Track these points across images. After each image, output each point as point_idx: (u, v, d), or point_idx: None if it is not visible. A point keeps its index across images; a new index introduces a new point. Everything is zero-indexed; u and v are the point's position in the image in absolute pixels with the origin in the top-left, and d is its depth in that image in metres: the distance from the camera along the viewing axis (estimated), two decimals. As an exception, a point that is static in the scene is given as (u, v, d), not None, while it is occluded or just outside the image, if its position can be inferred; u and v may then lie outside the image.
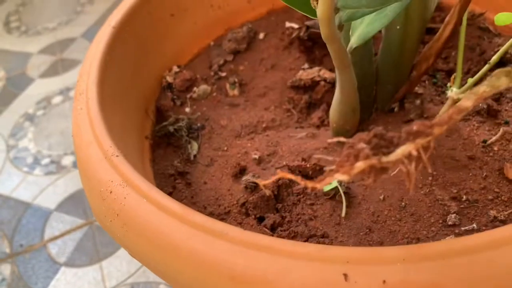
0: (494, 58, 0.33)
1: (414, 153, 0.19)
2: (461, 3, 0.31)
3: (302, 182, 0.20)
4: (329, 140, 0.36)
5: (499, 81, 0.21)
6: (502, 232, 0.20)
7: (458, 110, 0.19)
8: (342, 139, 0.20)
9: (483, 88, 0.20)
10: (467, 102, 0.20)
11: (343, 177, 0.19)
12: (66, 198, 0.62)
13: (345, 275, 0.20)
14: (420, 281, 0.20)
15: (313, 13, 0.23)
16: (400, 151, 0.19)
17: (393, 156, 0.19)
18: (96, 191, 0.27)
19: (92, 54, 0.33)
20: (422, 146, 0.19)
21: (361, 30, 0.29)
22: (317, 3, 0.21)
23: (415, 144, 0.19)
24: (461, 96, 0.34)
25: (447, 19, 0.33)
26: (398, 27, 0.34)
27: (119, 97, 0.34)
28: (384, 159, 0.19)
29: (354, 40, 0.29)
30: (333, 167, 0.19)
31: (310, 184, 0.19)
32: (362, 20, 0.28)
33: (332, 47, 0.26)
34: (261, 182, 0.20)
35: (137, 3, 0.37)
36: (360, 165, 0.18)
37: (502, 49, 0.32)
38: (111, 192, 0.26)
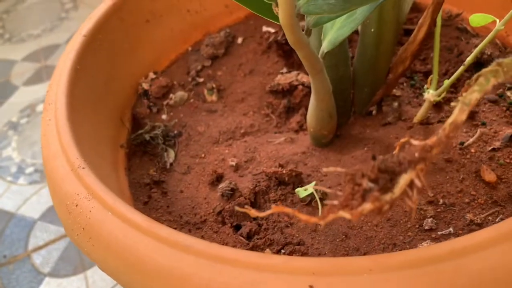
0: (469, 59, 0.33)
1: (417, 181, 0.19)
2: (434, 4, 0.30)
3: (303, 218, 0.20)
4: (325, 170, 0.35)
5: (489, 83, 0.20)
6: (468, 240, 0.20)
7: (455, 126, 0.19)
8: (339, 169, 0.21)
9: (475, 95, 0.20)
10: (462, 115, 0.19)
11: (349, 216, 0.19)
12: (50, 208, 0.61)
13: (311, 287, 0.20)
14: (387, 292, 0.19)
15: (278, 19, 0.22)
16: (403, 182, 0.19)
17: (398, 190, 0.19)
18: (63, 204, 0.26)
19: (62, 64, 0.33)
20: (421, 170, 0.19)
21: (331, 35, 0.28)
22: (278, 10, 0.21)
23: (416, 170, 0.19)
24: (437, 98, 0.34)
25: (420, 21, 0.32)
26: (372, 30, 0.33)
27: (91, 106, 0.34)
28: (391, 196, 0.19)
29: (325, 45, 0.29)
30: (336, 202, 0.19)
31: (313, 220, 0.19)
32: (332, 24, 0.28)
33: (300, 53, 0.26)
34: (253, 214, 0.20)
35: (109, 11, 0.37)
36: (368, 207, 0.18)
37: (476, 50, 0.32)
38: (77, 205, 0.25)
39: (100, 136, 0.34)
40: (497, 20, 0.30)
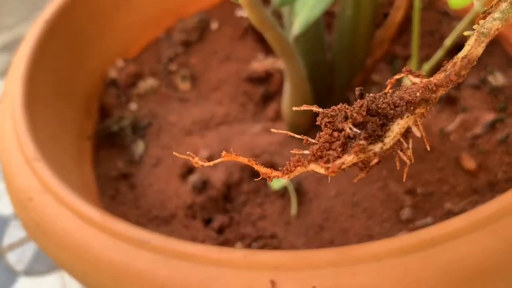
0: (448, 42, 0.31)
1: (415, 130, 0.15)
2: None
3: (263, 170, 0.16)
4: (292, 135, 0.33)
5: None
6: (434, 231, 0.18)
7: (468, 61, 0.16)
8: (314, 108, 0.16)
9: (496, 24, 0.16)
10: (478, 48, 0.16)
11: (323, 171, 0.14)
12: (27, 203, 0.59)
13: (273, 282, 0.18)
14: (352, 285, 0.18)
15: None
16: (397, 129, 0.15)
17: (390, 139, 0.15)
18: (18, 198, 0.25)
19: (20, 52, 0.31)
20: (422, 116, 0.15)
21: (302, 16, 0.27)
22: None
23: (416, 115, 0.15)
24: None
25: (397, 3, 0.31)
26: (348, 13, 0.32)
27: (53, 96, 0.32)
28: (381, 146, 0.15)
29: (296, 27, 0.27)
30: (308, 153, 0.15)
31: (274, 173, 0.16)
32: (303, 5, 0.26)
33: (267, 35, 0.24)
34: (205, 163, 0.17)
35: (73, -5, 0.35)
36: (351, 159, 0.14)
37: (454, 33, 0.30)
38: (31, 200, 0.24)
39: (63, 127, 0.32)
40: (475, 2, 0.29)
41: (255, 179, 0.32)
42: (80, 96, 0.35)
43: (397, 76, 0.17)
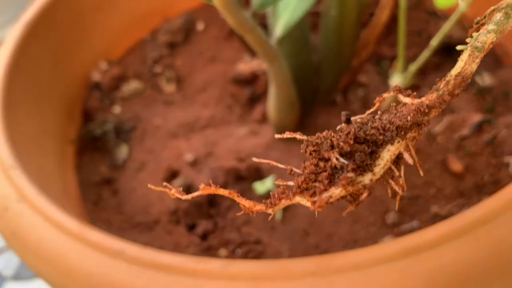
0: (434, 42, 0.31)
1: (407, 156, 0.14)
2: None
3: (246, 203, 0.15)
4: (277, 136, 0.33)
5: (509, 20, 0.15)
6: (414, 238, 0.18)
7: (462, 79, 0.15)
8: (298, 135, 0.15)
9: (490, 37, 0.15)
10: (472, 64, 0.15)
11: (309, 205, 0.14)
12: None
13: (251, 294, 0.18)
14: (332, 297, 0.18)
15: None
16: (387, 156, 0.14)
17: (380, 168, 0.14)
18: (-7, 207, 0.24)
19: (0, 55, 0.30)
20: (413, 140, 0.15)
21: (284, 18, 0.26)
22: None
23: (407, 140, 0.14)
24: (404, 83, 0.32)
25: (382, 3, 0.30)
26: (333, 14, 0.31)
27: (34, 101, 0.31)
28: (371, 177, 0.14)
29: (279, 29, 0.27)
30: (292, 184, 0.14)
31: (258, 207, 0.15)
32: (286, 7, 0.26)
33: (247, 38, 0.24)
34: (183, 197, 0.16)
35: (54, -3, 0.34)
36: (338, 193, 0.13)
37: (440, 33, 0.30)
38: (7, 208, 0.23)
39: (45, 132, 0.31)
40: (460, 2, 0.28)
41: (239, 183, 0.32)
42: (63, 100, 0.34)
43: (385, 95, 0.16)
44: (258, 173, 0.32)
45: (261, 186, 0.30)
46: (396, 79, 0.32)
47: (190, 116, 0.37)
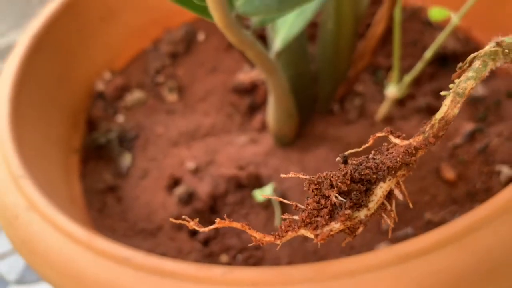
0: (428, 54, 0.32)
1: (398, 192, 0.16)
2: (389, 2, 0.29)
3: (257, 235, 0.17)
4: (283, 176, 0.31)
5: (487, 68, 0.17)
6: (406, 247, 0.19)
7: (445, 122, 0.16)
8: (301, 175, 0.16)
9: (470, 83, 0.17)
10: (454, 108, 0.16)
11: (313, 237, 0.16)
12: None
13: (251, 299, 0.19)
14: (328, 302, 0.19)
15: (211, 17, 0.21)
16: (380, 193, 0.16)
17: (374, 204, 0.16)
18: (4, 215, 0.25)
19: (7, 68, 0.31)
20: (401, 177, 0.16)
21: (283, 34, 0.27)
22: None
23: (397, 178, 0.16)
24: (399, 93, 0.33)
25: (377, 16, 0.31)
26: (330, 26, 0.32)
27: (41, 111, 0.32)
28: (366, 212, 0.16)
29: (278, 44, 0.28)
30: (297, 218, 0.16)
31: (267, 238, 0.17)
32: (284, 22, 0.27)
33: (247, 53, 0.25)
34: (201, 229, 0.17)
35: (59, 10, 0.35)
36: (338, 227, 0.15)
37: (434, 45, 0.31)
38: (17, 217, 0.24)
39: (51, 141, 0.32)
40: (452, 15, 0.29)
41: (240, 191, 0.33)
42: (68, 109, 0.35)
43: (379, 134, 0.17)
44: (258, 181, 0.33)
45: (261, 194, 0.31)
46: (392, 90, 0.33)
47: (191, 124, 0.38)
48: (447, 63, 0.38)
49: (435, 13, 0.33)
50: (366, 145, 0.18)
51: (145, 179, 0.34)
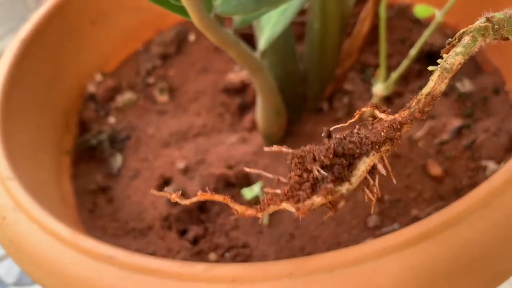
0: (413, 52, 0.32)
1: (381, 167, 0.16)
2: (373, 3, 0.30)
3: (239, 208, 0.17)
4: (266, 149, 0.33)
5: (476, 43, 0.17)
6: (385, 241, 0.19)
7: (432, 98, 0.16)
8: (284, 149, 0.17)
9: (459, 59, 0.16)
10: (441, 84, 0.16)
11: (294, 210, 0.16)
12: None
13: (232, 295, 0.19)
14: (307, 297, 0.19)
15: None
16: (363, 168, 0.16)
17: (356, 179, 0.16)
18: (-8, 217, 0.25)
19: (-3, 71, 0.32)
20: (387, 152, 0.16)
21: (267, 33, 0.27)
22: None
23: (381, 153, 0.16)
24: (385, 92, 0.34)
25: (362, 15, 0.32)
26: (316, 25, 0.33)
27: (31, 114, 0.33)
28: (348, 186, 0.16)
29: (262, 43, 0.28)
30: (279, 192, 0.16)
31: (249, 211, 0.17)
32: (268, 22, 0.27)
33: (230, 53, 0.25)
34: (182, 202, 0.18)
35: (50, 13, 0.36)
36: (319, 200, 0.15)
37: (419, 42, 0.31)
38: (4, 218, 0.24)
39: (42, 143, 0.33)
40: (436, 13, 0.30)
41: (229, 190, 0.33)
42: (59, 111, 0.36)
43: (364, 109, 0.17)
44: (247, 180, 0.33)
45: (249, 192, 0.31)
46: (379, 87, 0.33)
47: (182, 125, 0.38)
48: (434, 60, 0.38)
49: (420, 10, 0.33)
50: (352, 120, 0.18)
51: (136, 179, 0.35)
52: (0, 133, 0.28)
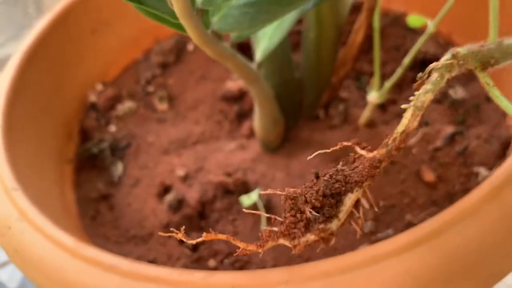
0: (406, 60, 0.33)
1: (364, 201, 0.18)
2: (366, 10, 0.30)
3: (241, 245, 0.19)
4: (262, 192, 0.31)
5: (443, 79, 0.18)
6: (378, 248, 0.20)
7: (406, 135, 0.18)
8: (278, 191, 0.18)
9: (428, 96, 0.18)
10: (414, 121, 0.18)
11: (291, 247, 0.18)
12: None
13: (230, 302, 0.20)
14: (302, 303, 0.19)
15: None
16: (349, 203, 0.18)
17: (343, 214, 0.18)
18: (-2, 226, 0.26)
19: (1, 82, 0.32)
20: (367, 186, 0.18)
21: (263, 45, 0.28)
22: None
23: (363, 188, 0.18)
24: (380, 100, 0.34)
25: (356, 25, 0.32)
26: (312, 35, 0.33)
27: (34, 124, 0.34)
28: (337, 223, 0.18)
29: (259, 55, 0.29)
30: (277, 230, 0.18)
31: (250, 247, 0.19)
32: (264, 35, 0.28)
33: (227, 65, 0.26)
34: (189, 241, 0.19)
35: (51, 25, 0.36)
36: (313, 238, 0.18)
37: (412, 51, 0.32)
38: (9, 227, 0.25)
39: (45, 153, 0.34)
40: (428, 23, 0.30)
41: (227, 197, 0.34)
42: (61, 121, 0.37)
43: (345, 143, 0.19)
44: (245, 187, 0.34)
45: (247, 200, 0.32)
46: (373, 95, 0.34)
47: (181, 132, 0.39)
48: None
49: (413, 20, 0.34)
50: (335, 148, 0.19)
51: (136, 187, 0.35)
52: (4, 144, 0.29)
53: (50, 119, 0.35)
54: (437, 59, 0.40)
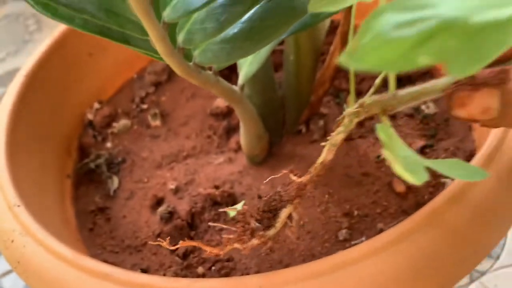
0: (377, 81, 0.35)
1: (295, 214, 0.25)
2: (340, 35, 0.33)
3: (207, 249, 0.25)
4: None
5: (352, 123, 0.24)
6: (348, 253, 0.23)
7: (323, 166, 0.24)
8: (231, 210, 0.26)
9: (340, 136, 0.24)
10: (329, 155, 0.24)
11: (241, 249, 0.24)
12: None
13: (211, 306, 0.22)
14: (275, 306, 0.22)
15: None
16: (283, 216, 0.24)
17: (279, 224, 0.24)
18: (1, 239, 0.29)
19: (3, 106, 0.35)
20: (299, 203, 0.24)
21: (245, 70, 0.31)
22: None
23: (294, 204, 0.24)
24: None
25: (332, 48, 0.35)
26: (291, 58, 0.36)
27: (35, 143, 0.36)
28: (274, 230, 0.24)
29: (241, 79, 0.31)
30: (232, 237, 0.24)
31: (213, 250, 0.24)
32: (245, 61, 0.31)
33: (212, 90, 0.28)
34: (171, 247, 0.24)
35: (50, 49, 0.39)
36: (256, 242, 0.24)
37: (382, 73, 0.35)
38: (12, 241, 0.28)
39: (45, 170, 0.36)
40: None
41: (215, 208, 0.36)
42: (61, 139, 0.39)
43: (284, 171, 0.25)
44: (232, 198, 0.36)
45: (233, 211, 0.35)
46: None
47: (173, 147, 0.42)
48: (404, 84, 0.41)
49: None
50: (285, 171, 0.25)
51: (131, 199, 0.38)
52: (7, 164, 0.31)
53: (51, 138, 0.38)
54: (409, 77, 0.43)
